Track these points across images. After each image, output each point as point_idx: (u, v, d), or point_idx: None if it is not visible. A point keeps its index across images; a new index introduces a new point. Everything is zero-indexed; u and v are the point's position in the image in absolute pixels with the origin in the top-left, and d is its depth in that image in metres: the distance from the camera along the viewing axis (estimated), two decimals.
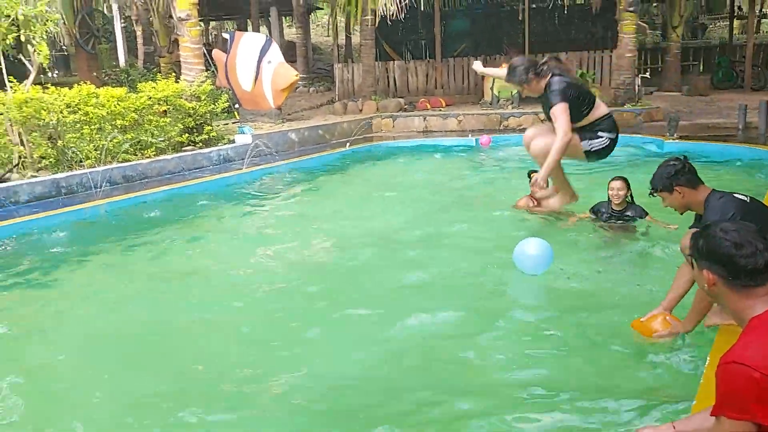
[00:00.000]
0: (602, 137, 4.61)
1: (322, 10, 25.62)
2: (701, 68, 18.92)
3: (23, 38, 8.57)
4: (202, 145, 10.29)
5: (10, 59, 8.80)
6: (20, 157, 8.29)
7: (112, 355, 3.85)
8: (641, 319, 3.60)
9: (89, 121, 8.61)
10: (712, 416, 1.99)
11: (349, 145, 11.76)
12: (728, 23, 20.42)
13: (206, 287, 4.99)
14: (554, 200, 4.95)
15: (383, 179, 9.31)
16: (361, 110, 14.51)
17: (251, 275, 5.24)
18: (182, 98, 10.12)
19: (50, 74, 10.58)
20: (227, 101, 11.17)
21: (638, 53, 14.93)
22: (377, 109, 14.38)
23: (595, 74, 14.67)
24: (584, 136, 4.56)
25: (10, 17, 8.24)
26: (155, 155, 9.38)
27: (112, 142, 8.80)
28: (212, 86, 10.74)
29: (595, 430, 2.85)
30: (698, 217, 3.58)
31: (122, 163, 8.78)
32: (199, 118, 10.39)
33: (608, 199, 5.62)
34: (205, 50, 11.62)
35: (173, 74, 12.06)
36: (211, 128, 10.58)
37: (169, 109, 9.87)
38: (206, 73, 11.24)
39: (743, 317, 2.08)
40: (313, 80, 19.61)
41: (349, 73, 16.45)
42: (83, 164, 8.47)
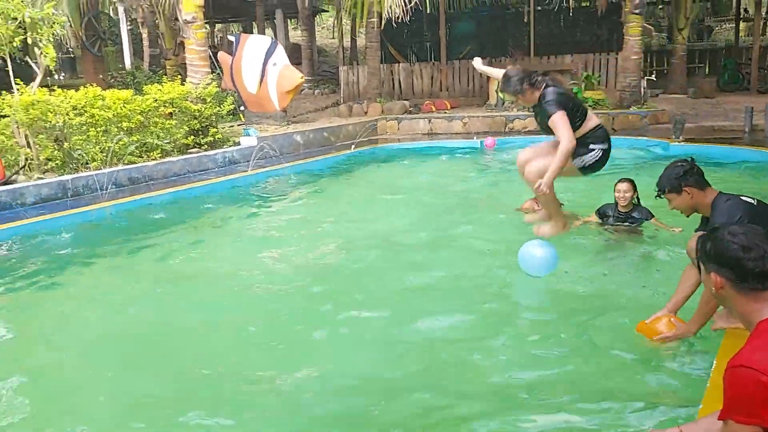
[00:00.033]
0: (594, 149, 4.52)
1: (327, 12, 25.68)
2: (707, 70, 18.89)
3: (30, 41, 8.63)
4: (207, 147, 10.31)
5: (17, 62, 8.84)
6: (27, 159, 8.33)
7: (116, 356, 3.86)
8: (646, 321, 3.59)
9: (95, 123, 8.64)
10: (719, 420, 1.98)
11: (354, 147, 11.77)
12: (734, 25, 20.39)
13: (211, 289, 4.99)
14: (545, 228, 4.79)
15: (388, 181, 9.31)
16: (366, 112, 14.52)
17: (256, 277, 5.24)
18: (188, 100, 10.16)
19: (57, 76, 10.58)
20: (233, 103, 11.20)
21: (644, 55, 14.89)
22: (382, 111, 14.39)
23: (600, 76, 14.67)
24: (576, 152, 4.48)
25: (17, 20, 8.30)
26: (161, 157, 9.41)
27: (117, 144, 8.82)
28: (218, 88, 10.77)
29: None
30: (704, 219, 3.57)
31: (128, 165, 8.81)
32: (204, 120, 10.42)
33: (615, 201, 5.63)
34: (210, 53, 11.66)
35: (179, 76, 12.11)
36: (216, 130, 10.61)
37: (174, 111, 9.90)
38: (212, 75, 11.28)
39: (751, 321, 2.08)
40: (318, 82, 19.64)
41: (354, 75, 16.47)
42: (89, 166, 8.50)
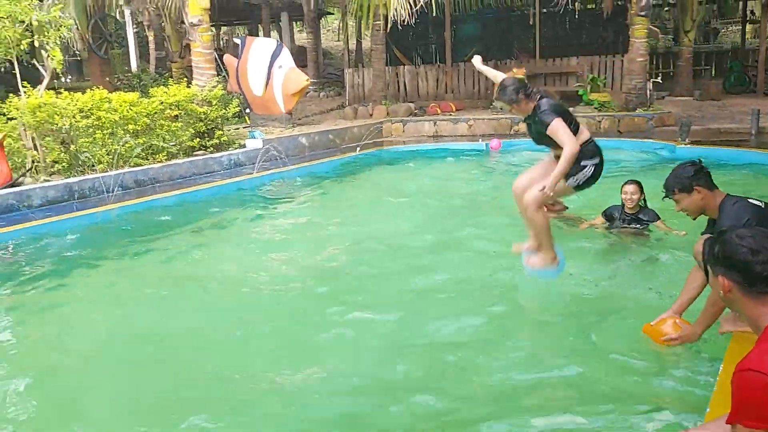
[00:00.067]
0: (585, 166, 4.43)
1: (332, 15, 25.72)
2: (713, 73, 18.83)
3: (37, 44, 8.67)
4: (213, 149, 10.33)
5: (24, 64, 8.87)
6: (33, 161, 8.36)
7: (121, 358, 3.87)
8: (651, 323, 3.58)
9: (102, 125, 8.67)
10: (727, 424, 1.97)
11: (359, 149, 11.78)
12: (740, 27, 20.30)
13: (216, 291, 5.00)
14: (535, 259, 4.69)
15: (393, 184, 9.31)
16: (371, 115, 14.52)
17: (261, 279, 5.25)
18: (194, 103, 10.18)
19: (63, 79, 10.64)
20: (238, 106, 11.22)
21: (650, 58, 14.86)
22: (387, 113, 14.39)
23: (606, 79, 14.63)
24: (569, 171, 4.43)
25: (24, 23, 8.34)
26: (167, 160, 9.43)
27: (124, 146, 8.85)
28: (223, 91, 10.80)
29: None
30: (711, 222, 3.56)
31: (134, 167, 8.83)
32: (210, 122, 10.44)
33: (621, 202, 5.61)
34: (216, 55, 11.69)
35: (185, 79, 12.12)
36: (222, 133, 10.63)
37: (180, 113, 9.93)
38: (217, 78, 11.30)
39: (759, 324, 2.07)
40: (323, 85, 19.66)
41: (359, 77, 16.48)
42: (95, 168, 8.52)
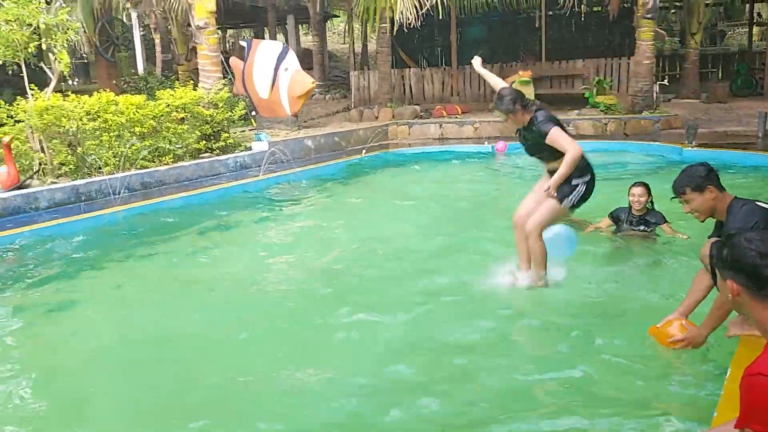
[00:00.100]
0: (577, 185, 4.35)
1: (338, 17, 25.77)
2: (720, 75, 18.77)
3: (44, 47, 8.71)
4: (219, 152, 10.36)
5: (31, 67, 8.93)
6: (41, 163, 8.40)
7: (125, 360, 3.88)
8: (657, 325, 3.57)
9: (108, 128, 8.70)
10: (736, 429, 1.96)
11: (364, 152, 11.78)
12: (747, 30, 20.25)
13: (222, 294, 5.00)
14: (522, 279, 4.64)
15: (399, 186, 9.31)
16: (377, 117, 14.53)
17: (266, 282, 5.25)
18: (200, 105, 10.21)
19: (70, 82, 10.70)
20: (244, 108, 11.24)
21: (656, 60, 14.82)
22: (393, 116, 14.39)
23: (612, 81, 14.61)
24: (560, 190, 4.37)
25: (32, 26, 8.38)
26: (173, 162, 9.46)
27: (130, 149, 8.88)
28: (229, 94, 10.82)
29: None
30: (718, 225, 3.54)
31: (140, 169, 8.86)
32: (216, 125, 10.47)
33: (629, 204, 5.59)
34: (222, 58, 11.71)
35: (191, 82, 12.17)
36: (228, 135, 10.66)
37: (186, 116, 9.96)
38: (224, 80, 11.33)
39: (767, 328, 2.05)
40: (329, 87, 19.69)
41: (365, 80, 16.49)
42: (102, 171, 8.55)
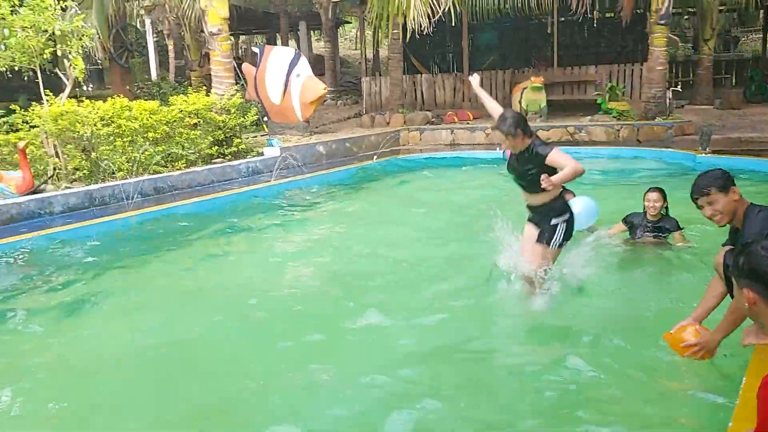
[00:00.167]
0: (556, 225, 4.27)
1: (350, 24, 25.87)
2: (733, 81, 18.65)
3: (60, 53, 8.80)
4: (231, 157, 10.41)
5: (46, 73, 9.02)
6: (55, 168, 8.47)
7: (140, 366, 3.89)
8: (671, 331, 3.54)
9: (122, 133, 8.77)
10: None
11: (376, 158, 11.79)
12: (761, 36, 20.10)
13: (233, 299, 5.00)
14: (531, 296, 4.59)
15: (410, 192, 9.31)
16: (388, 123, 14.55)
17: (278, 287, 5.26)
18: (212, 111, 10.27)
19: (85, 88, 10.77)
20: (256, 114, 11.30)
21: (669, 66, 14.75)
22: (404, 122, 14.41)
23: (625, 87, 14.56)
24: (543, 235, 4.30)
25: (47, 32, 8.47)
26: (186, 167, 9.52)
27: (143, 154, 8.95)
28: (242, 99, 10.88)
29: None
30: (732, 231, 3.49)
31: (153, 175, 8.92)
32: (228, 130, 10.52)
33: (643, 210, 5.55)
34: (235, 64, 11.78)
35: (204, 87, 12.25)
36: (240, 141, 10.71)
37: (199, 122, 10.02)
38: (236, 86, 11.39)
39: None
40: (340, 93, 19.76)
41: (376, 86, 16.53)
42: (116, 176, 8.62)
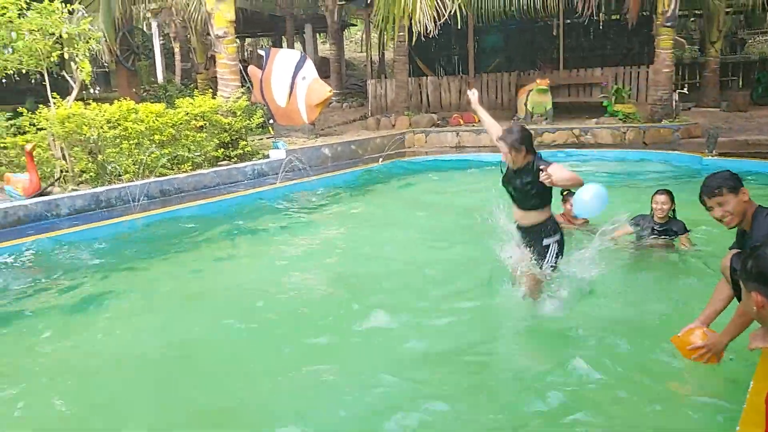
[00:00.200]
0: (548, 245, 4.27)
1: (355, 26, 25.90)
2: (740, 84, 18.57)
3: (67, 56, 8.84)
4: (237, 159, 10.43)
5: (53, 76, 9.06)
6: (62, 171, 8.51)
7: (147, 368, 3.90)
8: (679, 334, 3.52)
9: (128, 136, 8.80)
10: None
11: (381, 160, 11.80)
12: None
13: (240, 301, 5.01)
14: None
15: (415, 195, 9.31)
16: (393, 125, 14.55)
17: (284, 289, 5.25)
18: (218, 114, 10.30)
19: (92, 90, 10.82)
20: (262, 116, 11.31)
21: (676, 68, 14.71)
22: (410, 124, 14.41)
23: (631, 90, 14.53)
24: (538, 253, 4.29)
25: (54, 35, 8.51)
26: (192, 170, 9.54)
27: (150, 156, 8.97)
28: (247, 102, 10.90)
29: None
30: (740, 234, 3.47)
31: (159, 177, 8.94)
32: (234, 133, 10.55)
33: (651, 212, 5.52)
34: (240, 66, 11.81)
35: (210, 90, 12.27)
36: (246, 143, 10.73)
37: (205, 124, 10.04)
38: (242, 89, 11.42)
39: None
40: (346, 96, 19.77)
41: (382, 88, 16.54)
42: (122, 178, 8.65)
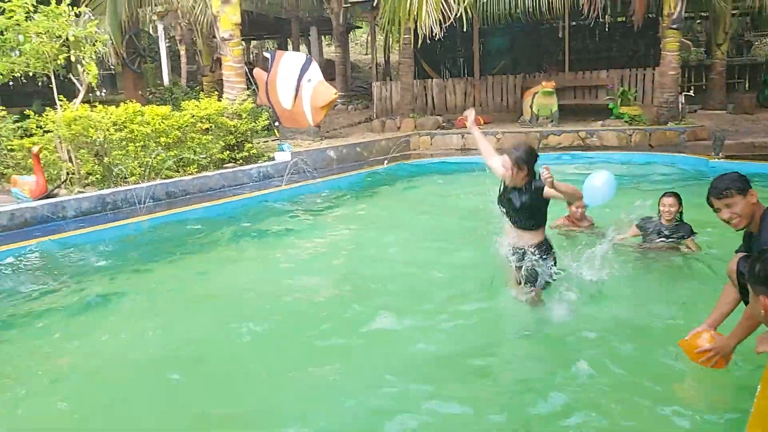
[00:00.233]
0: (547, 260, 4.30)
1: (361, 29, 25.94)
2: (747, 86, 18.49)
3: (73, 58, 8.88)
4: (242, 162, 10.45)
5: (60, 78, 9.10)
6: (68, 173, 8.54)
7: (153, 370, 3.90)
8: (686, 337, 3.51)
9: (134, 138, 8.83)
10: None
11: (386, 162, 11.80)
12: None
13: (245, 303, 5.02)
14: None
15: (420, 197, 9.31)
16: (399, 128, 14.56)
17: (290, 291, 5.26)
18: (224, 116, 10.32)
19: (98, 93, 10.86)
20: (267, 119, 11.33)
21: (682, 71, 14.67)
22: (415, 126, 14.41)
23: (637, 92, 14.49)
24: (529, 279, 4.30)
25: (61, 38, 8.55)
26: (197, 172, 9.56)
27: (155, 159, 9.00)
28: (253, 104, 10.92)
29: None
30: (746, 237, 3.45)
31: (165, 179, 8.96)
32: (240, 135, 10.56)
33: (658, 214, 5.51)
34: (246, 69, 11.83)
35: (215, 92, 12.31)
36: (251, 145, 10.74)
37: (211, 126, 10.07)
38: (247, 91, 11.44)
39: None
40: (351, 98, 19.80)
41: (387, 91, 16.55)
42: (128, 180, 8.67)
